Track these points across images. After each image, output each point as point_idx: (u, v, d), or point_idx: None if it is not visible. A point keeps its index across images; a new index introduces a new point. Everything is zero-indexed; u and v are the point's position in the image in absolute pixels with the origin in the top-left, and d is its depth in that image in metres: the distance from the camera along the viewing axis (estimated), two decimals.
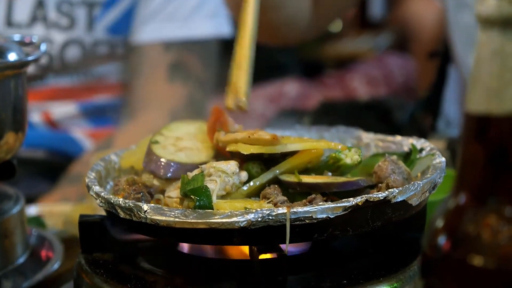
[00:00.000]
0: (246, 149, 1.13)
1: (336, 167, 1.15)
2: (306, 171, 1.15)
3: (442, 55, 2.21)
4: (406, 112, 2.39)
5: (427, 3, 4.17)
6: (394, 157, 1.17)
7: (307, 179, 1.11)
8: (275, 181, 1.12)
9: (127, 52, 2.21)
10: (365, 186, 1.11)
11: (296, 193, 1.10)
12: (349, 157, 1.14)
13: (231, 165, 1.11)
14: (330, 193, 1.09)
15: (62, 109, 2.20)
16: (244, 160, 1.14)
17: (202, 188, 1.07)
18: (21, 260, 1.37)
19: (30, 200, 1.72)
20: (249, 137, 1.13)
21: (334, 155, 1.15)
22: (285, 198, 1.08)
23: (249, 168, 1.13)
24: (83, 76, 2.22)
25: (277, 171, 1.13)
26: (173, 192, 1.11)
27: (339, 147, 1.15)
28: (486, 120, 0.71)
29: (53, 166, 2.15)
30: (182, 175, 1.12)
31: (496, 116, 0.71)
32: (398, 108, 2.52)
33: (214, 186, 1.08)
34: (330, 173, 1.14)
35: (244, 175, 1.12)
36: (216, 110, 1.21)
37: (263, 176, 1.12)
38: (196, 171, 1.12)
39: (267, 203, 1.07)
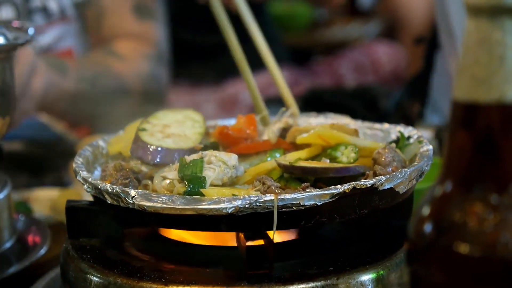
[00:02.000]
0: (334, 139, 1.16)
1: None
2: None
3: (429, 42, 2.21)
4: (393, 99, 2.40)
5: None
6: (393, 145, 1.17)
7: (302, 163, 1.11)
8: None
9: (62, 15, 2.18)
10: (362, 172, 1.12)
11: (292, 180, 1.10)
12: (345, 155, 1.14)
13: (233, 158, 1.12)
14: (324, 179, 1.10)
15: None
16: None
17: (200, 178, 1.07)
18: (8, 245, 1.36)
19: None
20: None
21: (330, 152, 1.15)
22: (278, 184, 1.08)
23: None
24: None
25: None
26: (171, 173, 1.11)
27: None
28: (473, 108, 0.72)
29: (32, 157, 2.13)
30: (180, 157, 1.12)
31: (483, 104, 0.71)
32: (385, 96, 2.53)
33: (212, 173, 1.08)
34: (327, 160, 1.15)
35: (241, 170, 1.12)
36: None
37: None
38: (195, 156, 1.12)
39: (262, 186, 1.07)
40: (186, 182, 1.07)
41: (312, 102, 2.59)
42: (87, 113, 2.04)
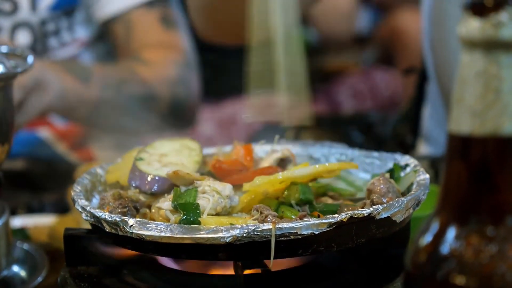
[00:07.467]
0: None
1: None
2: None
3: (420, 72, 2.21)
4: (389, 126, 2.40)
5: (414, 18, 4.18)
6: (387, 175, 1.18)
7: None
8: None
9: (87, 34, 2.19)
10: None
11: (289, 209, 1.11)
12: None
13: (227, 188, 1.12)
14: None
15: None
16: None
17: (193, 205, 1.07)
18: (5, 272, 1.36)
19: (12, 212, 1.70)
20: None
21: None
22: (275, 213, 1.08)
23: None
24: None
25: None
26: (166, 203, 1.12)
27: None
28: (469, 140, 0.72)
29: (33, 175, 2.12)
30: (175, 188, 1.12)
31: (479, 137, 0.72)
32: (381, 123, 2.53)
33: (206, 203, 1.09)
34: None
35: (236, 199, 1.13)
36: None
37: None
38: (189, 186, 1.12)
39: (259, 215, 1.07)
40: (180, 210, 1.07)
41: (308, 129, 2.60)
42: (113, 120, 2.02)
